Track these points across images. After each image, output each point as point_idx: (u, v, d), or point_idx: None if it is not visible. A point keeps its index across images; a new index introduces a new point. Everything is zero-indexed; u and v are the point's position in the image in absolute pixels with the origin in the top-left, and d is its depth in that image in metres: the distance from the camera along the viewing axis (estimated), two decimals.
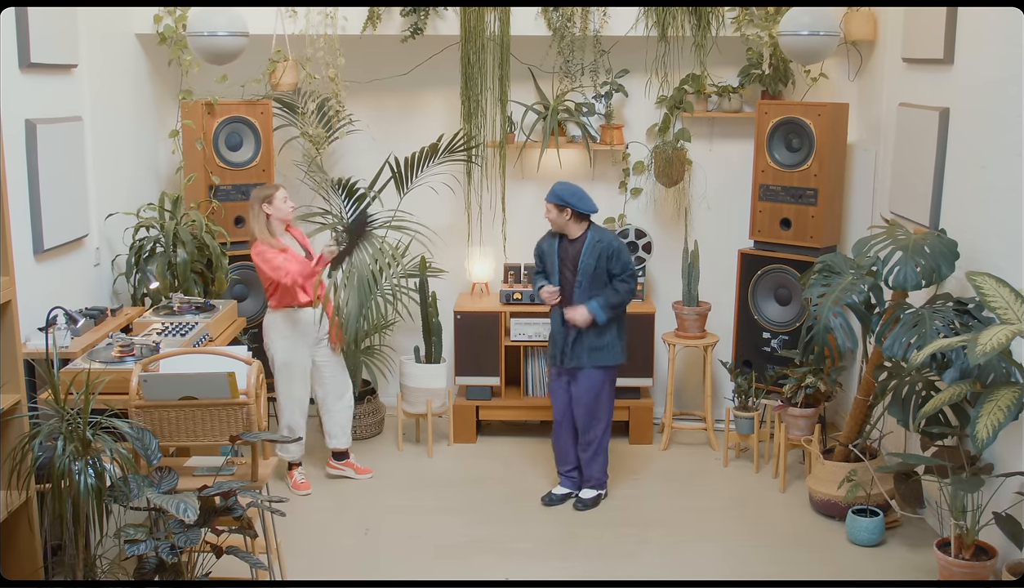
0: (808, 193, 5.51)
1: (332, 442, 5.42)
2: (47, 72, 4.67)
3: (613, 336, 5.01)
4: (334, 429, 5.40)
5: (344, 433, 5.42)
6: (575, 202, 4.91)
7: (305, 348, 5.20)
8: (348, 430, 5.44)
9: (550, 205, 4.95)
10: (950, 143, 4.65)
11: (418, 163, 5.88)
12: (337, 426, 5.39)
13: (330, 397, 5.35)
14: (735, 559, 4.62)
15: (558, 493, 5.19)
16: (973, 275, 3.92)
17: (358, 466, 5.49)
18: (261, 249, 5.01)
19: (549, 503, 5.16)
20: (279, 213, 5.05)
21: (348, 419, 5.43)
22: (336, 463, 5.47)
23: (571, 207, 4.91)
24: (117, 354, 4.12)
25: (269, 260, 4.97)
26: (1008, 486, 4.04)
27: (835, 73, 5.95)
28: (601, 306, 4.92)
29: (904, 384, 4.36)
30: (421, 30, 5.69)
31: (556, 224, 4.99)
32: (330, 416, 5.39)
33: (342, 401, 5.38)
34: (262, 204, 5.03)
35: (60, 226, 4.70)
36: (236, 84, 5.68)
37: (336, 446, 5.43)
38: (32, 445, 3.41)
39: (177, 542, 3.35)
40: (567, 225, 4.96)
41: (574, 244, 4.98)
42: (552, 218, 4.97)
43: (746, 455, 5.79)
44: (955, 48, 4.59)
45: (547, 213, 4.98)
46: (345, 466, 5.46)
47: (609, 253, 4.94)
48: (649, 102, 6.08)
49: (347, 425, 5.42)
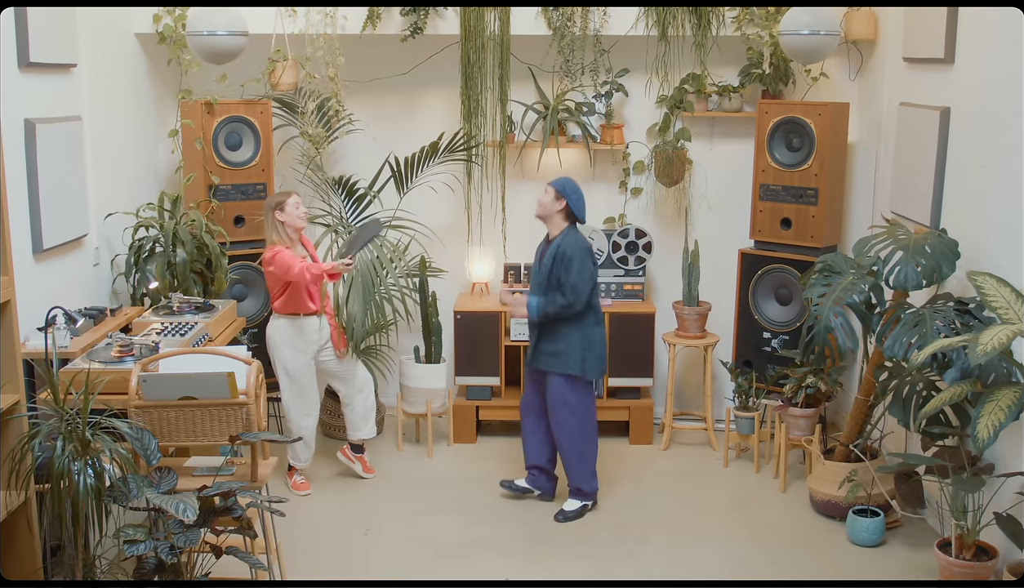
0: (809, 193, 5.51)
1: (357, 433, 5.43)
2: (46, 71, 4.67)
3: (570, 345, 4.85)
4: (356, 421, 5.41)
5: (366, 423, 5.43)
6: (574, 200, 4.85)
7: (311, 355, 5.19)
8: (372, 420, 5.46)
9: (550, 188, 4.86)
10: (951, 143, 4.64)
11: (418, 163, 5.88)
12: (360, 417, 5.41)
13: (351, 391, 5.38)
14: (735, 559, 4.61)
15: (518, 484, 5.21)
16: (974, 275, 3.91)
17: (367, 464, 5.49)
18: (279, 250, 4.98)
19: (506, 488, 5.19)
20: (291, 220, 5.03)
21: (370, 410, 5.45)
22: (350, 453, 5.49)
23: (568, 201, 4.83)
24: (116, 354, 4.12)
25: (286, 260, 4.94)
26: (1009, 486, 4.03)
27: (836, 72, 5.95)
28: (538, 305, 4.83)
29: (905, 384, 4.35)
30: (421, 29, 5.68)
31: (543, 208, 4.87)
32: (351, 409, 5.40)
33: (362, 394, 5.40)
34: (274, 211, 5.02)
35: (59, 226, 4.69)
36: (236, 83, 5.67)
37: (361, 437, 5.44)
38: (31, 445, 3.41)
39: (176, 542, 3.35)
40: (553, 216, 4.86)
41: (548, 245, 4.92)
42: (544, 201, 4.87)
43: (746, 455, 5.78)
44: (956, 47, 4.59)
45: (543, 195, 4.88)
46: (357, 460, 5.48)
47: (563, 259, 4.78)
48: (649, 101, 6.07)
49: (369, 415, 5.44)
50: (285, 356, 5.14)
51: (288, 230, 5.04)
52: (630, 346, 5.80)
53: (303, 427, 5.23)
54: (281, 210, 5.01)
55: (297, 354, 5.14)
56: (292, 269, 4.93)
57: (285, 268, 4.94)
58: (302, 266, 4.94)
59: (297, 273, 4.93)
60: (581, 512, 5.02)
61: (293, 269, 4.93)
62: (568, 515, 4.99)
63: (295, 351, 5.13)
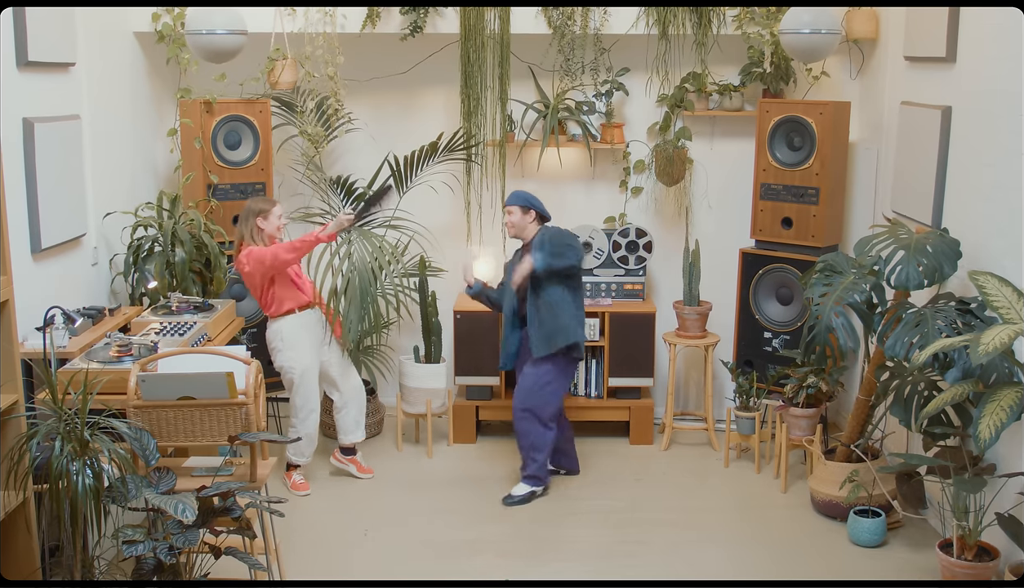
0: (810, 192, 5.49)
1: (348, 437, 5.42)
2: (45, 70, 4.65)
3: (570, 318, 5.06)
4: (348, 425, 5.40)
5: (359, 427, 5.44)
6: (539, 205, 5.08)
7: (315, 352, 5.18)
8: (362, 424, 5.47)
9: (514, 208, 5.07)
10: (952, 142, 4.63)
11: (417, 162, 5.86)
12: (352, 422, 5.40)
13: (344, 396, 5.36)
14: (736, 560, 4.60)
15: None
16: (975, 274, 3.90)
17: (361, 465, 5.48)
18: (250, 249, 4.97)
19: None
20: (270, 230, 5.03)
21: (362, 413, 5.45)
22: (342, 457, 5.47)
23: (535, 209, 5.07)
24: (115, 354, 4.11)
25: (256, 254, 4.93)
26: (1011, 487, 4.02)
27: (837, 71, 5.93)
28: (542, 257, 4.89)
29: (906, 384, 4.34)
30: (420, 28, 5.67)
31: (517, 227, 5.09)
32: (345, 414, 5.38)
33: (356, 401, 5.40)
34: (256, 216, 5.01)
35: (58, 225, 4.68)
36: (235, 82, 5.66)
37: (351, 440, 5.43)
38: (30, 445, 3.40)
39: (175, 543, 3.34)
40: (527, 228, 5.08)
41: (527, 248, 5.09)
42: (514, 220, 5.07)
43: (747, 455, 5.77)
44: (957, 46, 4.57)
45: (508, 216, 5.09)
46: (350, 462, 5.46)
47: (544, 238, 4.96)
48: (650, 100, 6.06)
49: (361, 419, 5.45)
50: (290, 358, 5.11)
51: (264, 237, 5.03)
52: (630, 346, 5.79)
53: (309, 423, 5.22)
54: (264, 218, 5.00)
55: (302, 354, 5.11)
56: (264, 259, 4.91)
57: (258, 261, 4.92)
58: (273, 249, 4.92)
59: (271, 258, 4.90)
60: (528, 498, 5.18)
61: (265, 259, 4.90)
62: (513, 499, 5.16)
63: (298, 351, 5.10)
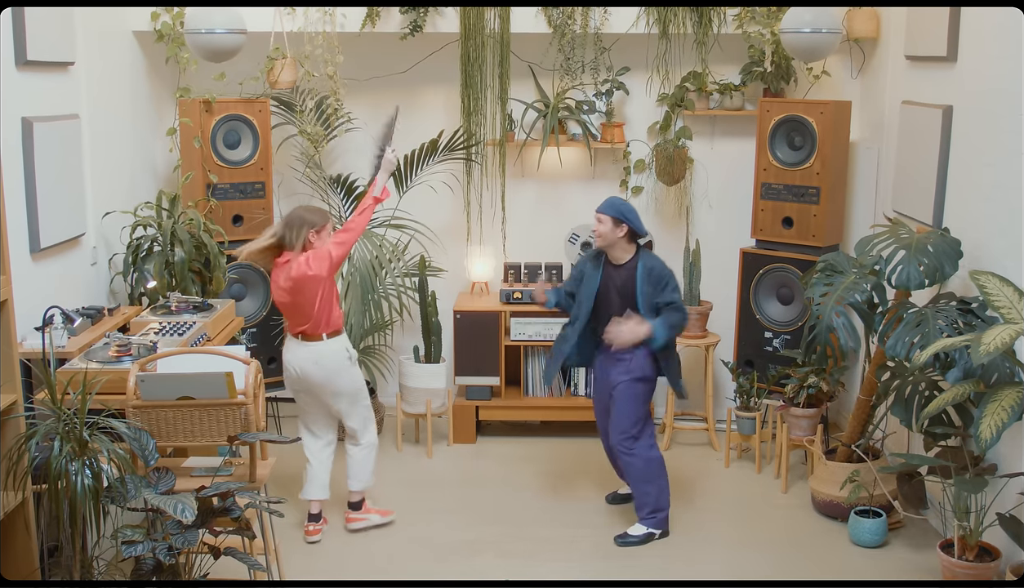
0: (810, 192, 5.49)
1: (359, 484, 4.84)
2: (44, 70, 4.64)
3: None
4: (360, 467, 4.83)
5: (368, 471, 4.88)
6: (633, 219, 4.60)
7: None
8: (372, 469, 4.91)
9: (605, 217, 4.59)
10: (953, 141, 4.62)
11: (417, 161, 5.86)
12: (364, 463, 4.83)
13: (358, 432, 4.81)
14: (736, 560, 4.60)
15: (621, 493, 5.15)
16: (976, 274, 3.89)
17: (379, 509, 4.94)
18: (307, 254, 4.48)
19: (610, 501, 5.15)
20: (320, 245, 4.50)
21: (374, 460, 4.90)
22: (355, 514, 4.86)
23: (629, 224, 4.59)
24: (114, 354, 4.10)
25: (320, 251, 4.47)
26: (1012, 487, 4.01)
27: (837, 71, 5.93)
28: (664, 329, 4.58)
29: (907, 384, 4.33)
30: (420, 27, 5.66)
31: (605, 239, 4.61)
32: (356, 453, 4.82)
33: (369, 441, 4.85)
34: (311, 229, 4.48)
35: (57, 225, 4.67)
36: (234, 82, 5.65)
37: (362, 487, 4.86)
38: (28, 445, 3.39)
39: (175, 543, 3.33)
40: (617, 243, 4.62)
41: (620, 270, 4.66)
42: (604, 231, 4.59)
43: (748, 456, 5.76)
44: (958, 46, 4.57)
45: (599, 225, 4.61)
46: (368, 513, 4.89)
47: (659, 280, 4.60)
48: (650, 100, 6.05)
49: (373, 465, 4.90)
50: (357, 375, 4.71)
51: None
52: None
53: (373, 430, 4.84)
54: (318, 233, 4.50)
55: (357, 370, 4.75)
56: (332, 252, 4.45)
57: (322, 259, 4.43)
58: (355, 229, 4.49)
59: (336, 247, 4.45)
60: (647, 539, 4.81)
61: (333, 251, 4.45)
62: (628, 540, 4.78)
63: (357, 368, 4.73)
